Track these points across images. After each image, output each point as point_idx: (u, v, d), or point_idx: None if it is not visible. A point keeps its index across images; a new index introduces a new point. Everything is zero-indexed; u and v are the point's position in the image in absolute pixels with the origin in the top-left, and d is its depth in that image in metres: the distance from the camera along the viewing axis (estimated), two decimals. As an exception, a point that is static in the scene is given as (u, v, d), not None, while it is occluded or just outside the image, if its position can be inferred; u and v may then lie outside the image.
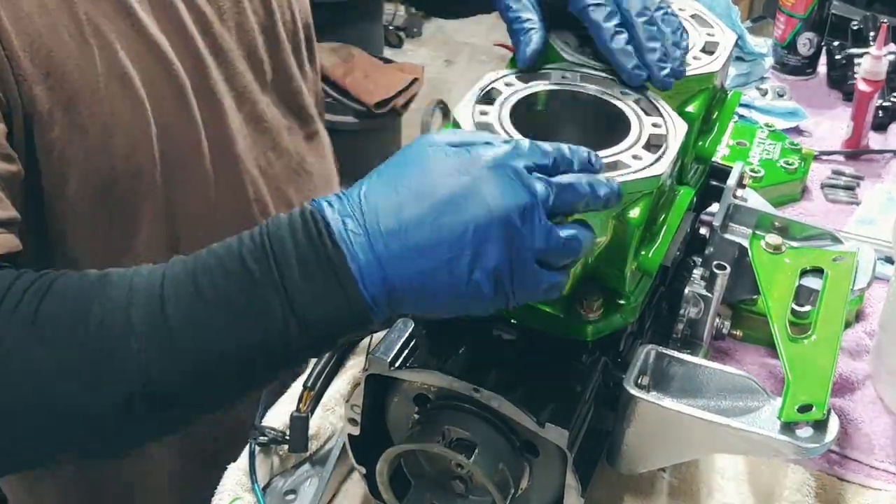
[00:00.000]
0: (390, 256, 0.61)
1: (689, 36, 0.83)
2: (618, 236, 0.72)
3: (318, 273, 0.61)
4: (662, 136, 0.73)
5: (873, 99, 1.37)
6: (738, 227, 0.91)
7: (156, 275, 0.63)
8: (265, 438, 0.87)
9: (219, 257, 0.63)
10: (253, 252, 0.62)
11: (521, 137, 0.69)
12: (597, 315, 0.73)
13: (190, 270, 0.63)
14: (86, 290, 0.63)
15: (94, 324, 0.61)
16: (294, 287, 0.61)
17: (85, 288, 0.63)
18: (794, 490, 0.86)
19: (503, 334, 0.75)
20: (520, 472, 0.72)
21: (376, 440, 0.77)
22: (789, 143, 1.34)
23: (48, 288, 0.63)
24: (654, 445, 0.75)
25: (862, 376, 1.00)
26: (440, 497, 0.76)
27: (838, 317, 0.80)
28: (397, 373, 0.72)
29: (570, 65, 0.81)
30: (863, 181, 1.33)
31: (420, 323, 0.75)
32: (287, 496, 0.87)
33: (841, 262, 0.85)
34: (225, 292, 0.61)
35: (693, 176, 0.87)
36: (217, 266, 0.62)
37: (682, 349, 0.85)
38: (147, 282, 0.63)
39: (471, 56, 4.20)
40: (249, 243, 0.62)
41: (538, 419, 0.68)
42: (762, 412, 0.72)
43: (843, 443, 0.93)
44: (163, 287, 0.62)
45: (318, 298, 0.61)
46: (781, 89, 1.50)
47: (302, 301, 0.61)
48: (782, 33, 1.59)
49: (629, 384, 0.73)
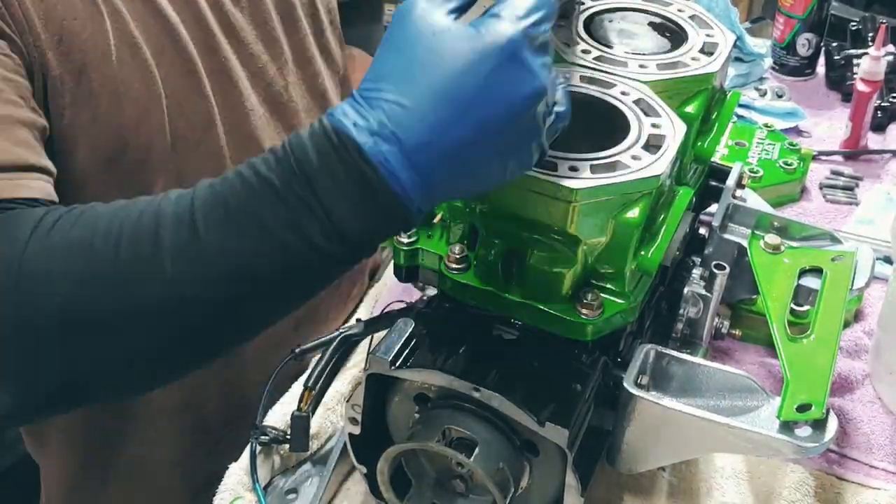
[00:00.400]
0: (430, 170, 0.61)
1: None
2: (617, 236, 0.72)
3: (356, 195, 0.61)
4: (661, 136, 0.74)
5: (872, 99, 1.37)
6: (737, 227, 0.91)
7: (184, 198, 0.63)
8: (266, 438, 0.87)
9: (247, 184, 0.62)
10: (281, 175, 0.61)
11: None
12: (597, 314, 0.73)
13: (217, 192, 0.63)
14: (116, 215, 0.64)
15: (126, 247, 0.62)
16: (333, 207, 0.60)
17: (114, 213, 0.64)
18: (793, 489, 0.87)
19: (503, 333, 0.76)
20: (520, 472, 0.72)
21: (377, 439, 0.78)
22: (788, 143, 1.35)
23: (80, 215, 0.64)
24: (653, 444, 0.75)
25: (861, 376, 1.00)
26: (441, 496, 0.77)
27: (837, 316, 0.80)
28: (398, 372, 0.72)
29: (570, 65, 0.82)
30: (861, 181, 1.34)
31: (421, 322, 0.75)
32: (288, 495, 0.87)
33: (840, 261, 0.86)
34: (258, 217, 0.61)
35: (692, 176, 0.87)
36: (245, 192, 0.62)
37: (682, 349, 0.86)
38: (175, 204, 0.63)
39: (470, 57, 4.19)
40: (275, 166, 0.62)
41: (538, 418, 0.68)
42: (761, 411, 0.72)
43: (842, 442, 0.93)
44: (192, 209, 0.62)
45: (358, 217, 0.61)
46: (780, 90, 1.50)
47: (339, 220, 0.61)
48: (781, 34, 1.59)
49: (629, 383, 0.73)
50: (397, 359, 0.73)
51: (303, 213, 0.61)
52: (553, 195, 0.69)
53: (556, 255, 0.72)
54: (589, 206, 0.69)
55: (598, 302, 0.73)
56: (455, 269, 0.76)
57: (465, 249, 0.76)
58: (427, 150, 0.60)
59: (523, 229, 0.72)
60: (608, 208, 0.70)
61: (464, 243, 0.76)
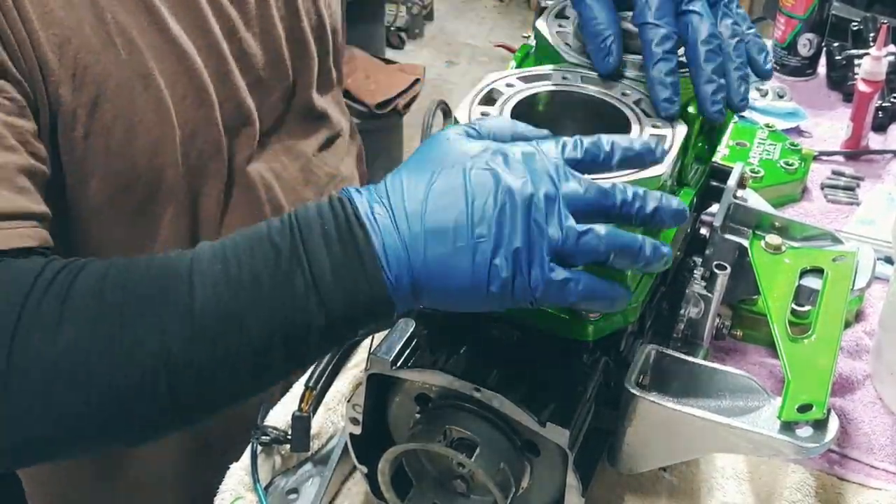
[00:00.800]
0: (413, 237, 0.61)
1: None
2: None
3: (340, 250, 0.61)
4: (662, 136, 0.74)
5: (873, 100, 1.37)
6: (738, 228, 0.91)
7: (184, 255, 0.64)
8: (267, 438, 0.87)
9: (247, 237, 0.63)
10: (280, 231, 0.63)
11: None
12: (597, 315, 0.73)
13: (217, 249, 0.63)
14: (114, 271, 0.64)
15: (120, 302, 0.62)
16: (316, 262, 0.61)
17: (113, 270, 0.64)
18: (793, 489, 0.87)
19: (504, 334, 0.76)
20: (521, 472, 0.72)
21: (378, 440, 0.78)
22: (789, 143, 1.34)
23: (80, 270, 0.64)
24: (654, 445, 0.75)
25: (862, 376, 1.00)
26: (442, 496, 0.77)
27: (838, 317, 0.80)
28: (399, 372, 0.73)
29: (571, 66, 0.82)
30: (863, 182, 1.34)
31: (422, 322, 0.75)
32: (289, 496, 0.87)
33: (841, 262, 0.86)
34: (250, 268, 0.62)
35: (693, 176, 0.87)
36: (244, 244, 0.63)
37: (683, 349, 0.86)
38: (173, 262, 0.63)
39: (472, 57, 4.21)
40: (277, 224, 0.63)
41: (539, 419, 0.68)
42: (762, 412, 0.72)
43: (843, 442, 0.93)
44: (190, 265, 0.63)
45: (338, 275, 0.61)
46: (781, 90, 1.50)
47: (321, 275, 0.61)
48: (782, 34, 1.59)
49: (630, 384, 0.73)
50: (398, 359, 0.73)
51: (293, 266, 0.61)
52: (554, 195, 0.69)
53: (556, 255, 0.72)
54: (590, 207, 0.69)
55: (598, 302, 0.73)
56: (456, 270, 0.76)
57: (466, 250, 0.76)
58: (417, 220, 0.61)
59: (524, 229, 0.72)
60: (609, 208, 0.70)
61: (465, 243, 0.76)
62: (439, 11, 4.48)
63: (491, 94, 0.76)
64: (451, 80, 3.99)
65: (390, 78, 2.73)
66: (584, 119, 0.78)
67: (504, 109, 0.75)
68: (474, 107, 0.75)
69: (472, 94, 0.76)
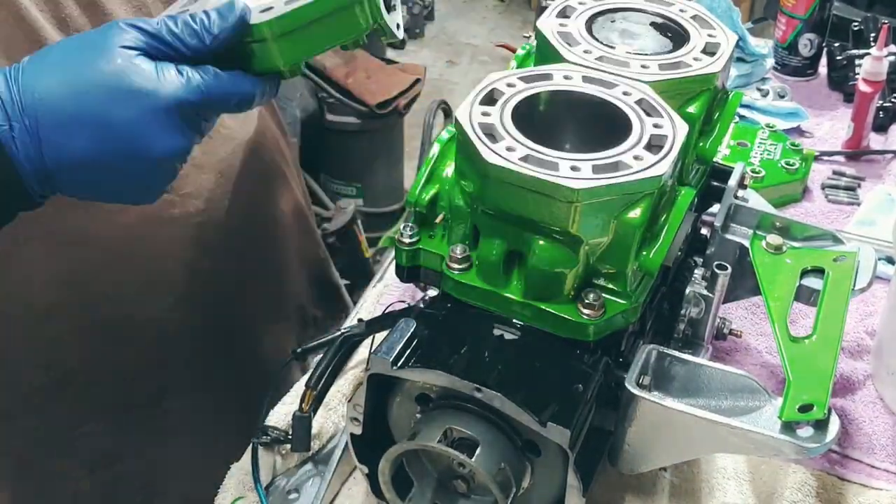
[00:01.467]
0: (40, 125, 0.67)
1: None
2: (619, 237, 0.72)
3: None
4: (664, 136, 0.74)
5: (874, 100, 1.37)
6: (739, 228, 0.91)
7: None
8: (268, 438, 0.87)
9: None
10: None
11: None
12: (598, 315, 0.73)
13: None
14: None
15: None
16: None
17: None
18: (794, 489, 0.87)
19: (505, 334, 0.76)
20: (521, 472, 0.72)
21: (378, 439, 0.78)
22: (790, 143, 1.35)
23: None
24: (655, 445, 0.75)
25: (863, 376, 1.00)
26: (442, 496, 0.77)
27: (839, 317, 0.80)
28: (399, 372, 0.72)
29: (571, 65, 0.82)
30: (863, 182, 1.34)
31: (422, 322, 0.75)
32: (289, 495, 0.87)
33: (842, 262, 0.86)
34: None
35: (694, 176, 0.87)
36: None
37: (684, 349, 0.86)
38: None
39: (473, 57, 4.21)
40: None
41: (540, 419, 0.68)
42: (763, 412, 0.72)
43: (844, 442, 0.93)
44: None
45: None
46: (782, 90, 1.50)
47: None
48: (783, 34, 1.59)
49: (631, 384, 0.73)
50: (399, 359, 0.73)
51: None
52: (555, 195, 0.69)
53: (557, 255, 0.72)
54: (591, 206, 0.69)
55: (599, 302, 0.73)
56: (457, 270, 0.76)
57: (466, 249, 0.76)
58: (43, 107, 0.67)
59: (525, 229, 0.72)
60: (610, 208, 0.70)
61: (465, 243, 0.76)
62: (440, 11, 4.48)
63: (492, 93, 0.76)
64: (451, 80, 3.99)
65: (391, 78, 2.73)
66: (585, 119, 0.78)
67: (505, 109, 0.75)
68: (475, 106, 0.75)
69: (473, 93, 0.76)
